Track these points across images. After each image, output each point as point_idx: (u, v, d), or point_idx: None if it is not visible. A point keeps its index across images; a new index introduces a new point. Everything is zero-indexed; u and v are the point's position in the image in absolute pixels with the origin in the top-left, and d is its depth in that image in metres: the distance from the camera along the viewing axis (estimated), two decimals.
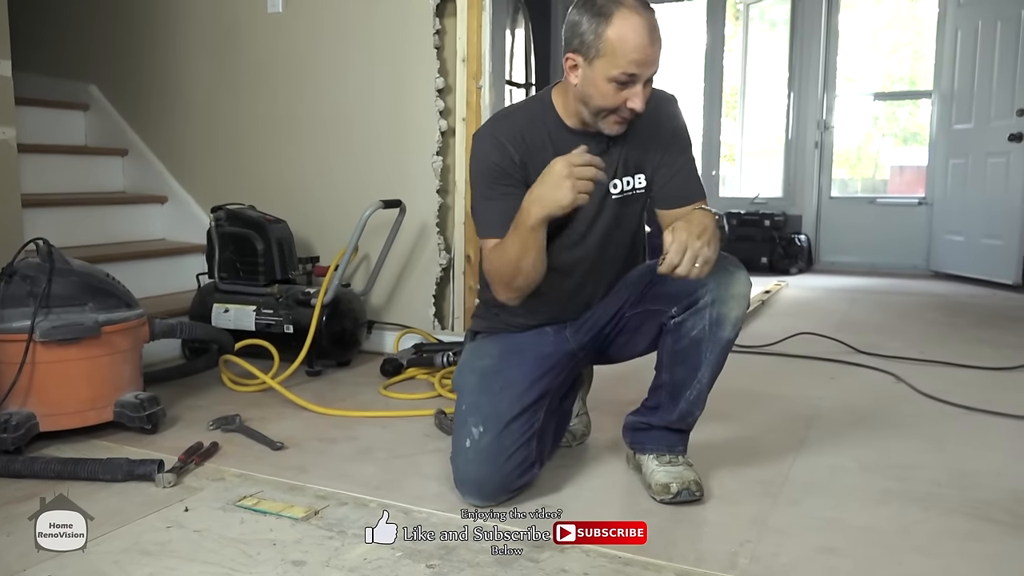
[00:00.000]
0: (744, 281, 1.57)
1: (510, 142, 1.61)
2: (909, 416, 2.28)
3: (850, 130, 6.59)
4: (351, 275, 3.07)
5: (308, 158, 3.19)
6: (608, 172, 1.64)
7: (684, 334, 1.58)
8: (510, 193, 1.58)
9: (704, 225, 1.45)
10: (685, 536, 1.49)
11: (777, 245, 5.78)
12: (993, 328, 3.66)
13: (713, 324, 1.56)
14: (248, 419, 2.14)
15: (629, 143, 1.65)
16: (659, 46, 1.49)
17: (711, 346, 1.57)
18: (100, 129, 3.66)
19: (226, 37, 3.30)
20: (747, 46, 6.59)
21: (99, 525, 1.47)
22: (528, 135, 1.62)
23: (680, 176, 1.67)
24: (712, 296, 1.55)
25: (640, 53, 1.47)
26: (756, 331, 3.51)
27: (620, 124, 1.56)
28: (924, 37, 6.22)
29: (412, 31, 2.90)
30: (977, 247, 5.16)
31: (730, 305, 1.55)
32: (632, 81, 1.49)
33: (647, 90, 1.52)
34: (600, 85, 1.51)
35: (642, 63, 1.47)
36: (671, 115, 1.69)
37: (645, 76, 1.50)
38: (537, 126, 1.64)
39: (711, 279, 1.53)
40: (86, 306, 1.99)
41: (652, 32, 1.47)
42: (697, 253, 1.39)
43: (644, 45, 1.46)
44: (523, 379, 1.65)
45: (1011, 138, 4.77)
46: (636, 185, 1.68)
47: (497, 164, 1.60)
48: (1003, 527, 1.53)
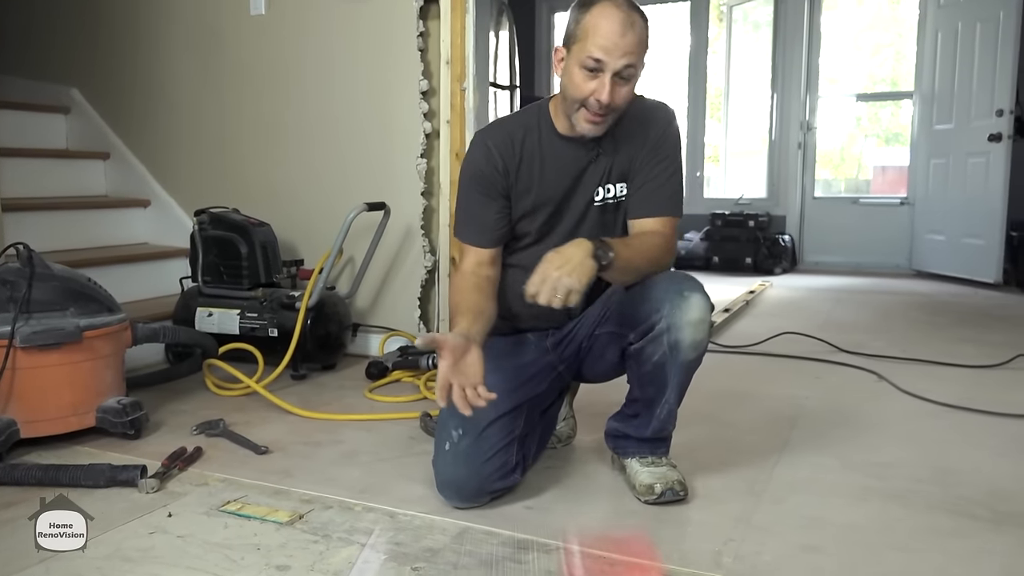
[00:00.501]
0: (699, 306, 1.54)
1: (498, 148, 1.65)
2: (891, 414, 2.30)
3: (833, 131, 6.64)
4: (336, 278, 3.07)
5: (292, 161, 3.18)
6: (596, 180, 1.68)
7: (646, 359, 1.59)
8: (488, 204, 1.66)
9: (568, 257, 1.42)
10: (669, 536, 1.50)
11: (761, 245, 5.82)
12: (974, 326, 3.70)
13: (672, 349, 1.55)
14: (232, 423, 2.13)
15: (619, 152, 1.67)
16: (632, 39, 1.49)
17: (674, 368, 1.57)
18: (82, 132, 3.64)
19: (209, 39, 3.29)
20: (731, 47, 6.63)
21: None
22: (520, 142, 1.66)
23: (648, 188, 1.67)
24: (667, 323, 1.54)
25: (608, 40, 1.48)
26: (741, 331, 3.53)
27: (592, 122, 1.56)
28: (905, 38, 6.27)
29: (396, 33, 2.90)
30: (958, 246, 5.21)
31: (686, 331, 1.53)
32: (599, 69, 1.50)
33: (620, 87, 1.52)
34: (573, 72, 1.53)
35: (609, 50, 1.48)
36: (660, 125, 1.68)
37: (613, 66, 1.49)
38: (531, 134, 1.67)
39: (665, 305, 1.54)
40: (67, 311, 1.98)
41: (625, 23, 1.48)
42: (555, 285, 1.39)
43: (613, 32, 1.48)
44: (501, 386, 1.62)
45: (991, 138, 4.83)
46: (617, 193, 1.69)
47: (481, 171, 1.66)
48: (983, 523, 1.55)
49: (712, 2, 6.51)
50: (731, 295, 4.44)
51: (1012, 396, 2.43)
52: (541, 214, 1.69)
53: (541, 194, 1.68)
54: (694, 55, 6.52)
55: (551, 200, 1.68)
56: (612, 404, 1.80)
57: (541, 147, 1.67)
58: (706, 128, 6.58)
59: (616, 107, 1.55)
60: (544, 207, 1.68)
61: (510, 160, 1.66)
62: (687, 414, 1.69)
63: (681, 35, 6.62)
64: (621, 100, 1.54)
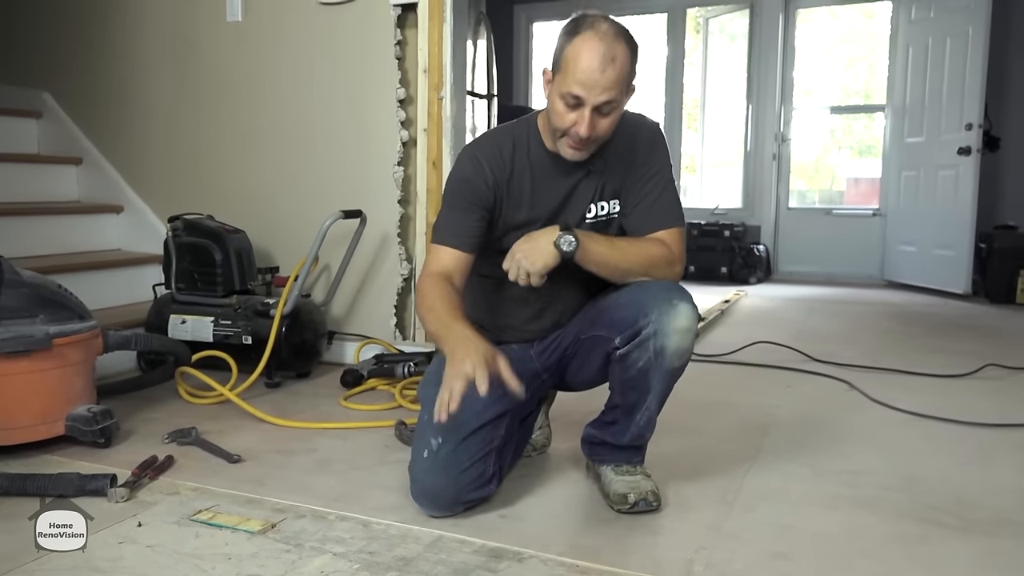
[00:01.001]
0: (687, 315, 1.56)
1: (488, 162, 1.65)
2: (862, 423, 2.33)
3: (808, 142, 6.71)
4: (311, 285, 3.05)
5: (268, 167, 3.16)
6: (588, 197, 1.68)
7: (631, 364, 1.59)
8: (470, 210, 1.64)
9: (534, 242, 1.55)
10: (641, 544, 1.50)
11: (737, 255, 5.87)
12: (944, 337, 3.76)
13: (657, 355, 1.56)
14: (205, 432, 2.11)
15: (609, 170, 1.67)
16: (612, 75, 1.47)
17: (658, 375, 1.58)
18: (54, 137, 3.60)
19: (185, 45, 3.27)
20: (707, 59, 6.69)
21: None
22: (510, 156, 1.66)
23: (644, 205, 1.68)
24: (654, 327, 1.55)
25: (586, 75, 1.47)
26: (715, 340, 3.56)
27: (574, 149, 1.57)
28: (878, 52, 6.37)
29: (373, 41, 2.90)
30: (929, 257, 5.29)
31: (672, 338, 1.55)
32: (578, 104, 1.50)
33: (601, 121, 1.52)
34: (555, 101, 1.54)
35: (587, 85, 1.48)
36: (645, 141, 1.69)
37: (592, 101, 1.49)
38: (519, 149, 1.67)
39: (653, 309, 1.55)
40: (37, 318, 1.96)
41: (605, 59, 1.47)
42: (518, 264, 1.55)
43: (592, 68, 1.47)
44: (483, 398, 1.64)
45: (960, 151, 4.91)
46: (610, 210, 1.70)
47: (469, 180, 1.65)
48: (949, 530, 1.57)
49: (689, 14, 6.58)
50: (706, 304, 4.47)
51: (980, 405, 2.47)
52: (528, 230, 1.66)
53: (532, 209, 1.67)
54: (671, 66, 6.59)
55: (542, 216, 1.68)
56: (588, 413, 1.81)
57: (531, 162, 1.66)
58: (682, 138, 6.63)
59: (599, 137, 1.55)
60: (535, 222, 1.67)
61: (500, 174, 1.65)
62: (660, 422, 1.70)
63: (658, 46, 6.68)
64: (603, 131, 1.54)
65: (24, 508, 1.57)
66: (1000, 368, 2.98)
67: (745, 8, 6.25)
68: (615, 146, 1.66)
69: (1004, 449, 2.08)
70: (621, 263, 1.61)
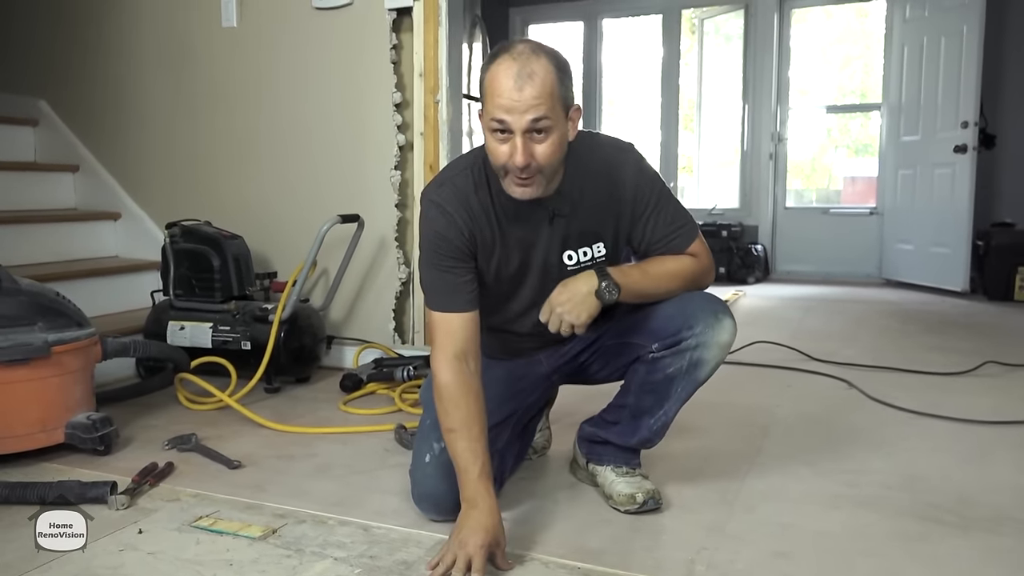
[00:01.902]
0: (730, 330, 1.56)
1: (458, 213, 1.52)
2: (861, 422, 2.33)
3: (804, 142, 6.73)
4: (310, 290, 3.05)
5: (265, 173, 3.16)
6: (557, 243, 1.57)
7: (660, 369, 1.58)
8: (455, 268, 1.53)
9: (572, 293, 1.50)
10: (643, 545, 1.50)
11: (735, 255, 5.87)
12: (942, 334, 3.76)
13: (692, 366, 1.56)
14: (205, 438, 2.11)
15: (579, 213, 1.56)
16: (532, 91, 1.35)
17: (684, 384, 1.58)
18: (50, 145, 3.59)
19: (180, 51, 3.27)
20: (703, 59, 6.70)
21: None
22: (473, 201, 1.53)
23: (658, 235, 1.59)
24: (697, 340, 1.54)
25: (505, 98, 1.35)
26: None
27: (521, 186, 1.43)
28: (874, 51, 6.38)
29: (369, 46, 2.91)
30: (926, 255, 5.30)
31: (713, 352, 1.55)
32: (505, 129, 1.38)
33: (537, 147, 1.39)
34: (488, 139, 1.43)
35: (508, 108, 1.36)
36: (630, 175, 1.56)
37: (519, 125, 1.36)
38: (480, 193, 1.54)
39: (699, 323, 1.54)
40: (35, 326, 1.95)
41: (520, 76, 1.35)
42: (560, 317, 1.51)
43: (509, 89, 1.35)
44: (492, 398, 1.60)
45: (956, 149, 4.92)
46: (595, 255, 1.60)
47: (444, 236, 1.52)
48: (950, 528, 1.57)
49: (684, 15, 6.59)
50: None
51: (979, 402, 2.47)
52: (504, 275, 1.60)
53: (503, 256, 1.58)
54: (666, 67, 6.59)
55: (512, 263, 1.59)
56: (589, 413, 1.80)
57: (494, 207, 1.54)
58: (679, 139, 6.64)
59: (540, 166, 1.41)
60: (504, 270, 1.59)
61: (472, 223, 1.53)
62: None
63: (654, 47, 6.69)
64: (543, 158, 1.40)
65: (24, 517, 1.57)
66: (999, 365, 2.98)
67: (740, 9, 6.27)
68: (589, 186, 1.55)
69: (1003, 446, 2.08)
70: (659, 289, 1.58)
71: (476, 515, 1.39)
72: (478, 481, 1.42)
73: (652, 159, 1.71)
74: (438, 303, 1.53)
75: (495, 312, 1.65)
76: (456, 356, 1.49)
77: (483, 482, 1.42)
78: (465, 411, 1.46)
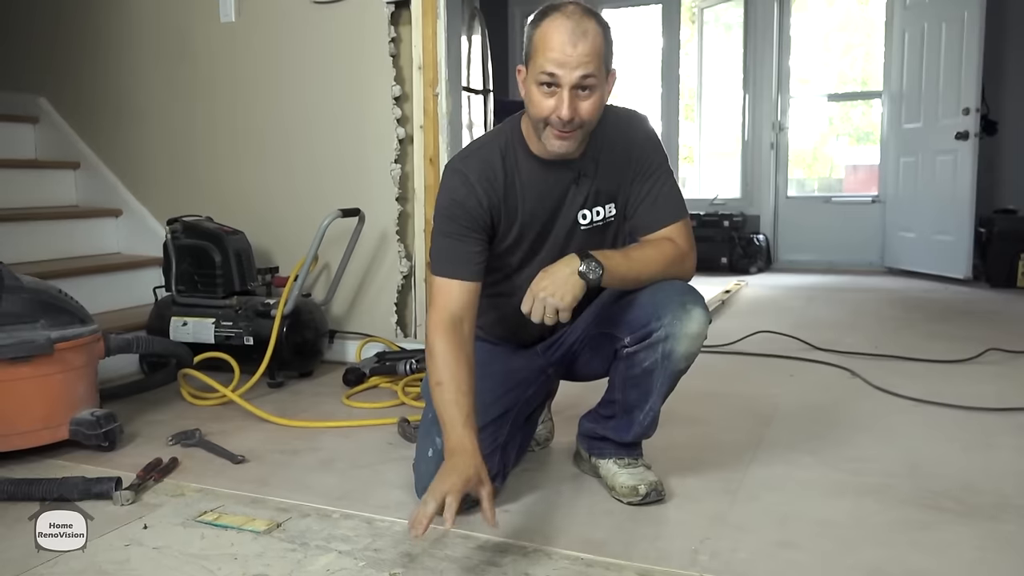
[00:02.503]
0: (700, 319, 1.55)
1: (481, 183, 1.56)
2: (864, 410, 2.33)
3: (805, 130, 6.71)
4: (311, 285, 3.06)
5: (266, 168, 3.16)
6: (579, 203, 1.62)
7: (637, 364, 1.59)
8: (467, 235, 1.56)
9: (555, 276, 1.48)
10: (646, 535, 1.51)
11: (736, 245, 5.86)
12: (945, 322, 3.76)
13: (665, 358, 1.56)
14: (208, 433, 2.12)
15: (601, 174, 1.62)
16: (586, 48, 1.42)
17: (662, 376, 1.58)
18: (51, 142, 3.60)
19: (180, 47, 3.27)
20: (703, 49, 6.68)
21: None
22: (500, 172, 1.58)
23: (646, 204, 1.63)
24: (666, 331, 1.54)
25: (558, 52, 1.42)
26: (717, 330, 3.54)
27: (561, 139, 1.49)
28: (874, 39, 6.36)
29: (367, 39, 2.90)
30: (929, 243, 5.28)
31: (683, 343, 1.54)
32: (555, 83, 1.44)
33: (581, 101, 1.46)
34: (532, 92, 1.48)
35: (560, 63, 1.42)
36: (638, 138, 1.63)
37: (568, 80, 1.43)
38: (507, 161, 1.59)
39: (667, 313, 1.53)
40: (38, 323, 1.96)
41: (575, 32, 1.42)
42: (543, 303, 1.46)
43: (563, 43, 1.42)
44: (490, 392, 1.64)
45: (958, 136, 4.90)
46: (606, 215, 1.64)
47: (461, 203, 1.56)
48: (952, 515, 1.58)
49: (684, 4, 6.57)
50: (707, 295, 4.46)
51: (981, 390, 2.47)
52: (524, 243, 1.64)
53: (525, 224, 1.62)
54: (667, 57, 6.57)
55: (533, 228, 1.62)
56: (590, 405, 1.81)
57: (519, 173, 1.59)
58: (680, 129, 6.63)
59: (583, 121, 1.48)
60: (527, 237, 1.63)
61: (494, 195, 1.57)
62: (664, 414, 1.70)
63: (653, 37, 6.67)
64: (586, 114, 1.47)
65: (29, 513, 1.58)
66: (1001, 352, 2.98)
67: None
68: (608, 147, 1.61)
69: (1006, 433, 2.08)
70: (642, 274, 1.58)
71: (453, 462, 1.40)
72: (462, 431, 1.44)
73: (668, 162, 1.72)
74: (442, 269, 1.56)
75: (509, 279, 1.67)
76: (452, 319, 1.53)
77: (466, 432, 1.44)
78: (455, 367, 1.50)
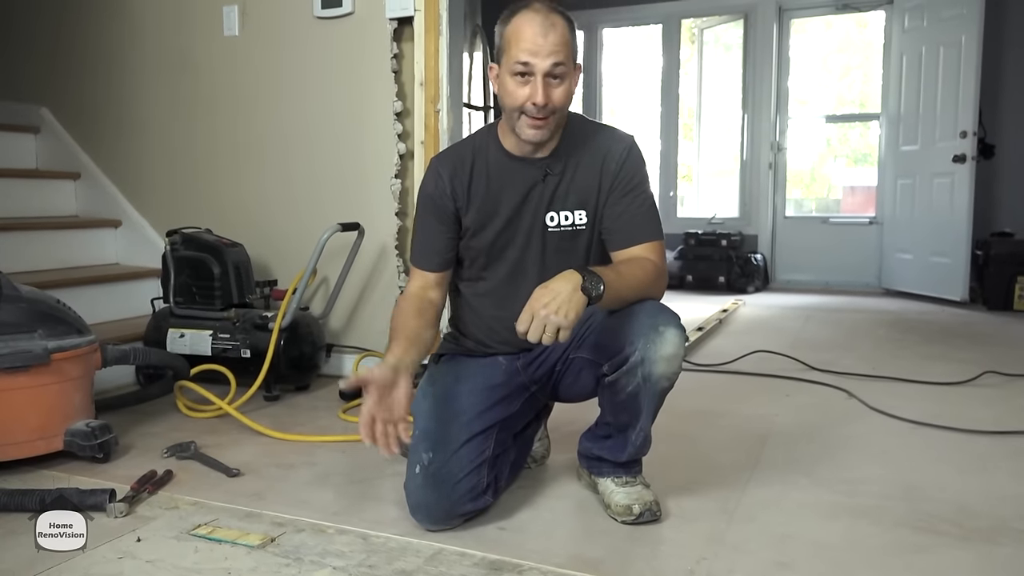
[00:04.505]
0: (674, 341, 1.54)
1: (447, 171, 1.69)
2: (861, 432, 2.33)
3: (804, 151, 6.74)
4: (310, 298, 3.06)
5: (266, 181, 3.17)
6: (546, 202, 1.68)
7: (620, 390, 1.59)
8: (435, 226, 1.71)
9: (556, 292, 1.42)
10: (642, 554, 1.50)
11: (734, 264, 5.87)
12: (941, 344, 3.76)
13: (645, 380, 1.55)
14: (204, 446, 2.11)
15: (569, 176, 1.67)
16: (555, 38, 1.53)
17: (647, 397, 1.58)
18: (52, 152, 3.61)
19: (182, 59, 3.28)
20: (702, 69, 6.72)
21: (47, 558, 1.45)
22: (470, 164, 1.70)
23: (624, 219, 1.66)
24: (641, 355, 1.54)
25: (530, 42, 1.52)
26: (714, 349, 3.56)
27: (534, 127, 1.58)
28: (873, 61, 6.40)
29: (370, 55, 2.92)
30: (926, 265, 5.30)
31: (660, 366, 1.54)
32: (528, 71, 1.54)
33: (553, 88, 1.55)
34: (507, 83, 1.57)
35: (533, 52, 1.52)
36: (618, 153, 1.67)
37: (541, 67, 1.53)
38: (480, 154, 1.70)
39: (640, 337, 1.53)
40: (35, 333, 1.95)
41: (545, 24, 1.53)
42: (544, 321, 1.40)
43: (535, 35, 1.52)
44: (472, 408, 1.67)
45: (955, 159, 4.93)
46: (576, 221, 1.68)
47: (430, 195, 1.71)
48: (949, 539, 1.57)
49: (684, 24, 6.62)
50: (704, 314, 4.48)
51: (978, 413, 2.48)
52: (489, 231, 1.69)
53: (488, 209, 1.68)
54: (666, 76, 6.61)
55: (499, 216, 1.68)
56: (587, 423, 1.80)
57: (488, 165, 1.69)
58: (679, 148, 6.66)
59: (555, 107, 1.56)
60: (491, 225, 1.69)
61: (459, 183, 1.68)
62: (659, 433, 1.70)
63: (654, 56, 6.71)
64: (559, 100, 1.56)
65: (23, 524, 1.57)
66: (998, 375, 2.98)
67: (739, 18, 6.29)
68: (581, 152, 1.67)
69: (1003, 456, 2.08)
70: (629, 293, 1.57)
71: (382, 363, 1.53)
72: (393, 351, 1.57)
73: (652, 168, 1.75)
74: (415, 259, 1.75)
75: (482, 278, 1.75)
76: (415, 294, 1.72)
77: (394, 352, 1.56)
78: (412, 317, 1.65)
